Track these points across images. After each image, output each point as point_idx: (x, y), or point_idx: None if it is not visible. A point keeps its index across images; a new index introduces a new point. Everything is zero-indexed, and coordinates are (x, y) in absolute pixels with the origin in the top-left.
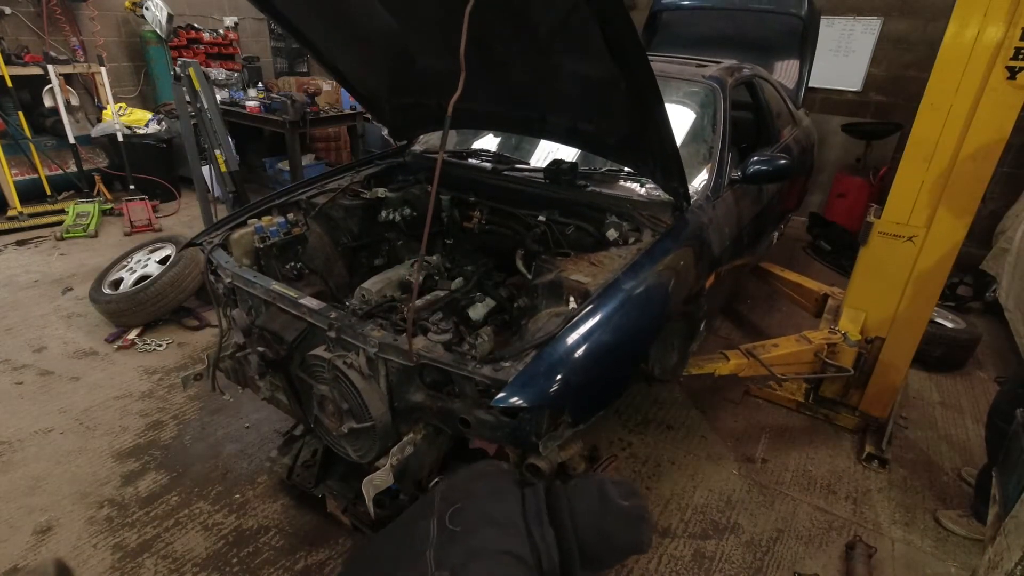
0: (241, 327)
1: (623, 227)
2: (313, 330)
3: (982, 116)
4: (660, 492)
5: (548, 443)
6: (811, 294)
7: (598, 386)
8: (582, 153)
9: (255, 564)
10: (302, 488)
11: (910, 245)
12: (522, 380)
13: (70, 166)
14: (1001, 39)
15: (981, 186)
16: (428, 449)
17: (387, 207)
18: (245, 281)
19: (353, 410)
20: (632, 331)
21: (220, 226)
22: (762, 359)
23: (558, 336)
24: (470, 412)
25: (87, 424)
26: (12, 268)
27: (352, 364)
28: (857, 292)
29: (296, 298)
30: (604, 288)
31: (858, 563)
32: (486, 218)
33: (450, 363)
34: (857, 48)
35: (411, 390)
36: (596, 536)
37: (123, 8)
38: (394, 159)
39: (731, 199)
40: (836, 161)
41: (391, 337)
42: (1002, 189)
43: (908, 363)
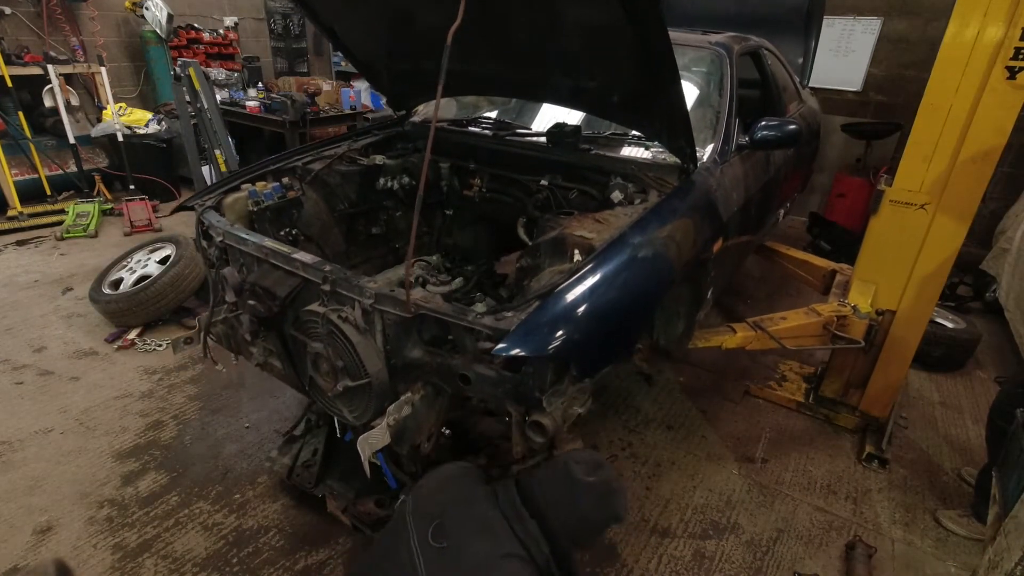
0: (232, 285)
1: (628, 189)
2: (307, 286)
3: (982, 116)
4: (660, 492)
5: (552, 399)
6: (818, 271)
7: (604, 339)
8: (585, 118)
9: (255, 564)
10: (302, 488)
11: (922, 213)
12: (525, 329)
13: (70, 166)
14: (1001, 39)
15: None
16: (427, 411)
17: (385, 175)
18: (237, 239)
19: (348, 367)
20: (639, 285)
21: (213, 190)
22: (770, 331)
23: (562, 287)
24: (470, 367)
25: (87, 424)
26: (12, 268)
27: (347, 318)
28: (867, 264)
29: (289, 253)
30: (610, 242)
31: (858, 563)
32: (486, 185)
33: (449, 313)
34: (857, 48)
35: (408, 346)
36: (573, 517)
37: (123, 8)
38: (393, 129)
39: (739, 165)
40: (836, 161)
41: (388, 288)
42: (1002, 189)
43: (919, 337)
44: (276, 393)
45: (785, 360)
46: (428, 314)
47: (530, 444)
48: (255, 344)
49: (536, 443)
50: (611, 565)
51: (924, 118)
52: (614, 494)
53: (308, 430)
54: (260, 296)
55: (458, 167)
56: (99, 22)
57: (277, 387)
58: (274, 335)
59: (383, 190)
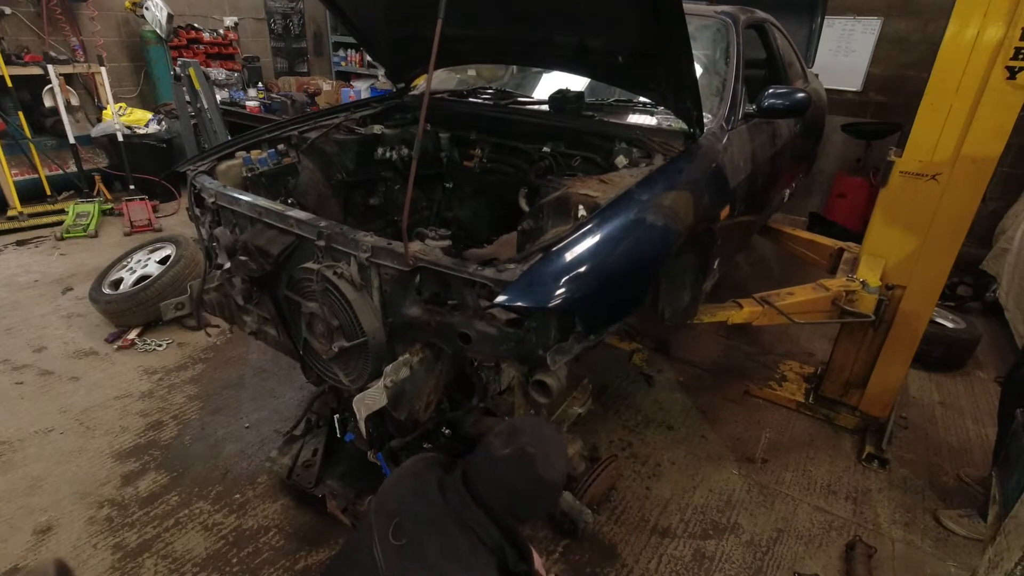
0: (225, 245)
1: (633, 153)
2: (302, 246)
3: (982, 116)
4: (660, 492)
5: (556, 356)
6: (825, 249)
7: (610, 294)
8: (588, 86)
9: (255, 564)
10: (302, 488)
11: (934, 184)
12: (528, 280)
13: (70, 166)
14: (1001, 39)
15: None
16: (426, 375)
17: (383, 145)
18: (230, 199)
19: (344, 327)
20: (645, 241)
21: (206, 156)
22: (778, 306)
23: (567, 240)
24: (470, 325)
25: (87, 424)
26: (12, 268)
27: (342, 274)
28: (876, 238)
29: (283, 211)
30: (616, 199)
31: (858, 563)
32: (487, 156)
33: (449, 266)
34: (857, 48)
35: (407, 303)
36: (503, 492)
37: (123, 8)
38: (392, 100)
39: (745, 134)
40: (836, 161)
41: (384, 241)
42: (1002, 189)
43: (930, 312)
44: (276, 393)
45: (785, 360)
46: (427, 267)
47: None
48: (248, 312)
49: (540, 404)
50: (611, 565)
51: (934, 88)
52: (531, 460)
53: (308, 430)
54: (253, 254)
55: (458, 138)
56: (99, 22)
57: (277, 387)
58: (268, 298)
59: (381, 160)
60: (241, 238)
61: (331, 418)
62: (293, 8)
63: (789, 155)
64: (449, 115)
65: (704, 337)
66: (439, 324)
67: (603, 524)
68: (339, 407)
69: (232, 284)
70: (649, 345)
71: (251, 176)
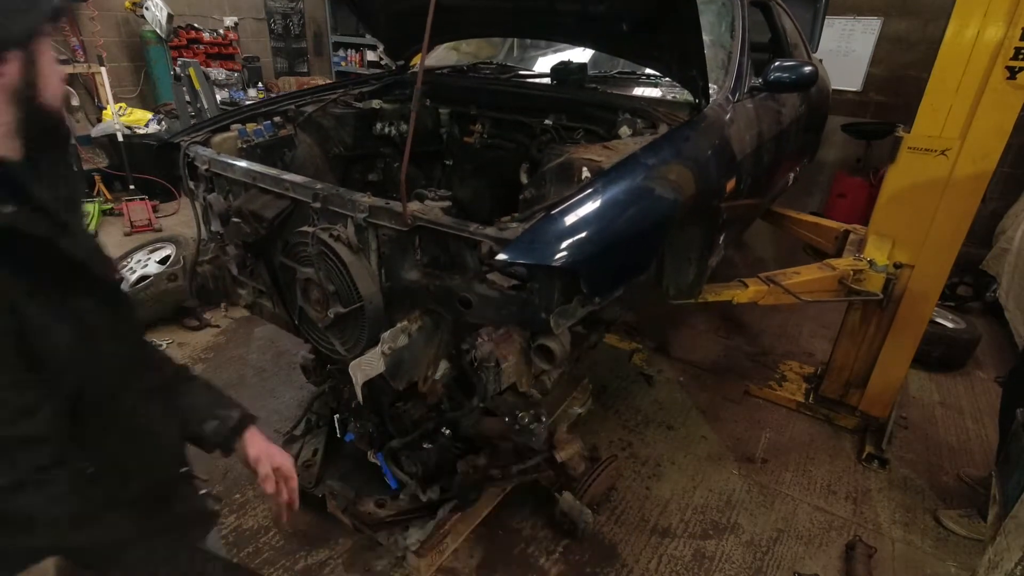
0: (218, 211)
1: (637, 124)
2: (297, 210)
3: (982, 116)
4: (660, 492)
5: (560, 320)
6: (830, 232)
7: (616, 256)
8: (592, 59)
9: (255, 564)
10: (302, 488)
11: (943, 160)
12: (531, 238)
13: None
14: (1001, 39)
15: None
16: (425, 344)
17: (382, 120)
18: (223, 165)
19: (340, 292)
20: (652, 203)
21: (200, 128)
22: (784, 285)
23: (571, 200)
24: (471, 288)
25: None
26: None
27: (339, 236)
28: (883, 217)
29: (278, 174)
30: (621, 161)
31: (858, 563)
32: (488, 131)
33: (449, 225)
34: (857, 48)
35: (405, 267)
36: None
37: (123, 8)
38: (391, 77)
39: (751, 108)
40: (836, 161)
41: (383, 200)
42: (1002, 189)
43: (939, 292)
44: (276, 393)
45: (785, 360)
46: (426, 226)
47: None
48: (243, 285)
49: (543, 370)
50: (611, 565)
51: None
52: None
53: (308, 430)
54: (247, 219)
55: (458, 114)
56: (99, 22)
57: (277, 387)
58: (262, 266)
59: (380, 136)
60: (235, 203)
61: (331, 418)
62: (293, 8)
63: (794, 136)
64: (449, 90)
65: (704, 337)
66: (439, 289)
67: (603, 524)
68: (339, 407)
69: (226, 253)
70: (649, 345)
71: (246, 148)
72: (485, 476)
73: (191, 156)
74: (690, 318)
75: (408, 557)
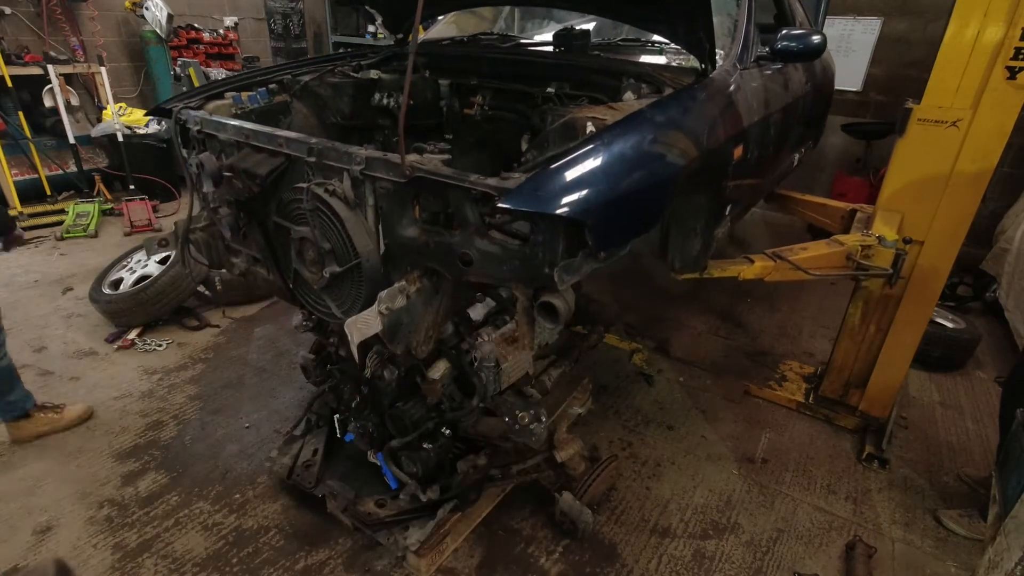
0: (210, 171)
1: (642, 89)
2: (292, 168)
3: (982, 116)
4: (660, 492)
5: (564, 275)
6: (836, 212)
7: (622, 207)
8: (595, 26)
9: (255, 564)
10: (302, 488)
11: (954, 131)
12: (533, 185)
13: (70, 166)
14: (1001, 39)
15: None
16: (424, 308)
17: (381, 90)
18: (215, 126)
19: (336, 250)
20: (659, 157)
21: (193, 95)
22: (791, 260)
23: (577, 150)
24: (471, 244)
25: (87, 424)
26: (12, 268)
27: (335, 191)
28: (892, 193)
29: (271, 131)
30: (628, 116)
31: (858, 563)
32: (489, 102)
33: (449, 175)
34: (857, 48)
35: (403, 223)
36: None
37: (123, 8)
38: (391, 50)
39: (758, 76)
40: (836, 161)
41: (380, 152)
42: (1002, 189)
43: (949, 269)
44: (276, 393)
45: (785, 360)
46: (425, 177)
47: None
48: (237, 253)
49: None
50: (611, 565)
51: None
52: None
53: (308, 430)
54: (240, 176)
55: (459, 86)
56: (99, 22)
57: (277, 387)
58: (256, 228)
59: (378, 107)
60: (227, 162)
61: (331, 418)
62: (293, 8)
63: (800, 114)
64: (449, 60)
65: (704, 337)
66: (438, 245)
67: (603, 524)
68: (339, 407)
69: (219, 216)
70: (649, 345)
71: (240, 114)
72: (485, 476)
73: (183, 119)
74: (690, 318)
75: (408, 557)
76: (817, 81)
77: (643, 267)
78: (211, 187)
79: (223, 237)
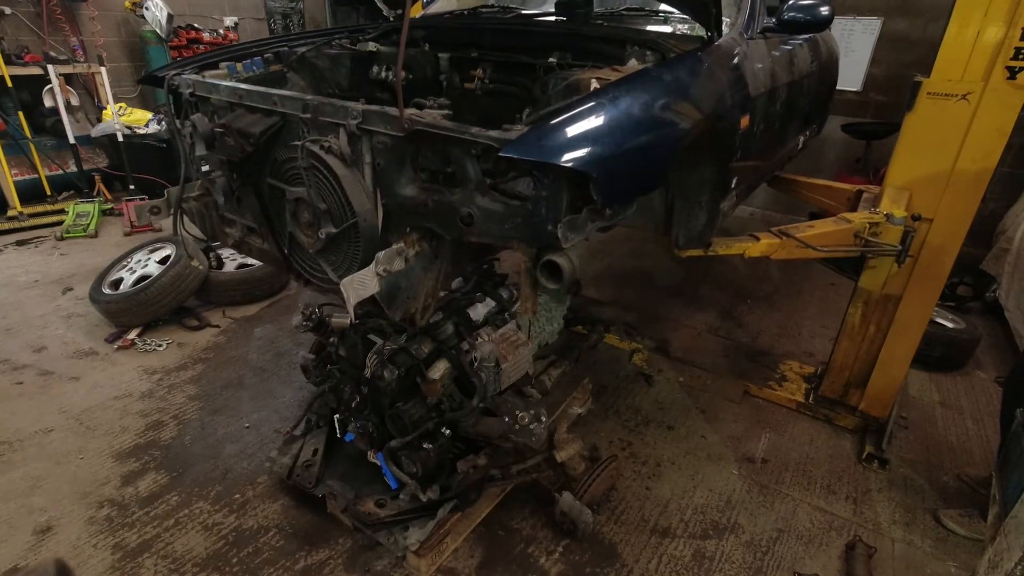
0: (202, 133)
1: (646, 56)
2: (287, 127)
3: (982, 116)
4: (660, 492)
5: (569, 233)
6: (842, 193)
7: (628, 163)
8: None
9: (255, 564)
10: (302, 488)
11: (964, 105)
12: (537, 135)
13: (70, 166)
14: (1001, 39)
15: (981, 187)
16: (423, 275)
17: (379, 63)
18: (208, 87)
19: (332, 210)
20: (666, 112)
21: (187, 63)
22: (798, 237)
23: (582, 103)
24: (472, 202)
25: (87, 424)
26: (12, 268)
27: (330, 148)
28: (901, 169)
29: (265, 90)
30: (635, 73)
31: (858, 563)
32: (490, 76)
33: (449, 128)
34: (857, 48)
35: (401, 181)
36: None
37: (123, 8)
38: (390, 24)
39: (764, 48)
40: (836, 161)
41: (377, 105)
42: (1002, 189)
43: (959, 246)
44: (276, 393)
45: (785, 360)
46: (424, 130)
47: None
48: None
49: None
50: (611, 565)
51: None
52: None
53: (308, 430)
54: (233, 135)
55: (459, 59)
56: (99, 22)
57: (277, 387)
58: (250, 194)
59: (376, 80)
60: (220, 122)
61: (331, 418)
62: (293, 8)
63: (805, 92)
64: (448, 32)
65: (704, 337)
66: (438, 204)
67: (603, 524)
68: (339, 407)
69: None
70: (649, 345)
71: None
72: (485, 476)
73: (176, 85)
74: (690, 318)
75: (408, 557)
76: (823, 62)
77: (643, 268)
78: (203, 150)
79: (217, 207)
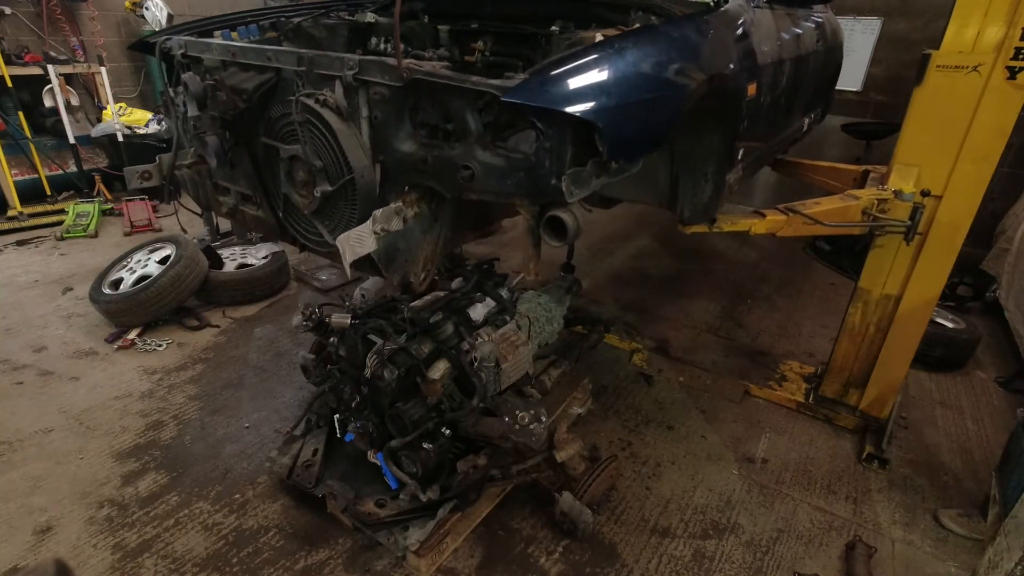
0: (194, 92)
1: (651, 20)
2: (281, 84)
3: (982, 116)
4: (660, 492)
5: (573, 187)
6: (847, 175)
7: (635, 114)
8: None
9: (255, 564)
10: (302, 488)
11: (975, 77)
12: (540, 81)
13: (70, 166)
14: (1001, 39)
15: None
16: (422, 237)
17: (377, 35)
18: (200, 47)
19: (328, 167)
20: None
21: (180, 30)
22: (805, 213)
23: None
24: (473, 156)
25: (87, 424)
26: (12, 268)
27: (325, 101)
28: (909, 145)
29: (259, 46)
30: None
31: (858, 563)
32: (491, 48)
33: (448, 76)
34: (857, 48)
35: (400, 135)
36: None
37: (123, 8)
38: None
39: (770, 18)
40: (836, 160)
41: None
42: (1002, 189)
43: (969, 223)
44: (276, 393)
45: (785, 360)
46: (423, 79)
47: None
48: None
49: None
50: (611, 565)
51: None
52: None
53: (308, 430)
54: (227, 92)
55: (458, 32)
56: (99, 22)
57: (277, 387)
58: (243, 154)
59: (375, 52)
60: (213, 77)
61: (331, 418)
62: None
63: (811, 71)
64: (448, 3)
65: (704, 337)
66: (437, 160)
67: (603, 524)
68: (339, 407)
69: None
70: (649, 345)
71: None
72: (485, 476)
73: (167, 48)
74: (690, 318)
75: (408, 557)
76: (828, 43)
77: (643, 269)
78: (196, 111)
79: (211, 174)
